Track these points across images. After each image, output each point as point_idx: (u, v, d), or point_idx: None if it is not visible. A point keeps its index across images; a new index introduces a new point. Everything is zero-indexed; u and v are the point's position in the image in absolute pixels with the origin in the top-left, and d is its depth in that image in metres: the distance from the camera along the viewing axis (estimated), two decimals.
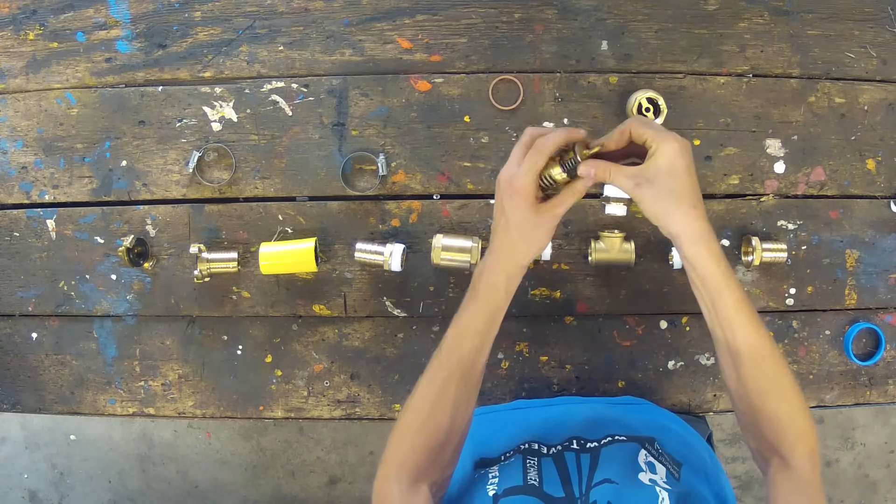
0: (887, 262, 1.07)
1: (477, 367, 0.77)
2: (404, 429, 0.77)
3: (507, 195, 0.72)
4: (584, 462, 0.80)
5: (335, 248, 1.07)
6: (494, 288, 0.75)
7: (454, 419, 0.76)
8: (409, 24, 1.06)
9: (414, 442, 0.76)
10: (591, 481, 0.76)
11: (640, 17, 1.05)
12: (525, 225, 0.73)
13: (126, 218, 1.08)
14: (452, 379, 0.75)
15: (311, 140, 1.07)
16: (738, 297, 0.71)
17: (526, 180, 0.71)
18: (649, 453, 0.81)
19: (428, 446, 0.75)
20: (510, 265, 0.75)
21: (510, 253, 0.74)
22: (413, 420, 0.76)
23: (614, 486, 0.74)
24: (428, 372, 0.77)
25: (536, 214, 0.72)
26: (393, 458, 0.76)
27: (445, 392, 0.75)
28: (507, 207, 0.73)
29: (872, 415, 2.14)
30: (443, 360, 0.76)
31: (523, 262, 0.75)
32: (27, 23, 1.09)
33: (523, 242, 0.73)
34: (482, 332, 0.76)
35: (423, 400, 0.76)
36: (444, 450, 0.76)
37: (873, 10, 1.05)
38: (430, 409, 0.76)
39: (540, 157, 0.71)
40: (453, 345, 0.76)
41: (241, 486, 2.22)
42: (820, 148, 1.06)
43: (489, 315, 0.75)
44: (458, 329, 0.76)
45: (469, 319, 0.76)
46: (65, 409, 1.12)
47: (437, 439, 0.75)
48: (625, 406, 1.03)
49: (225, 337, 1.10)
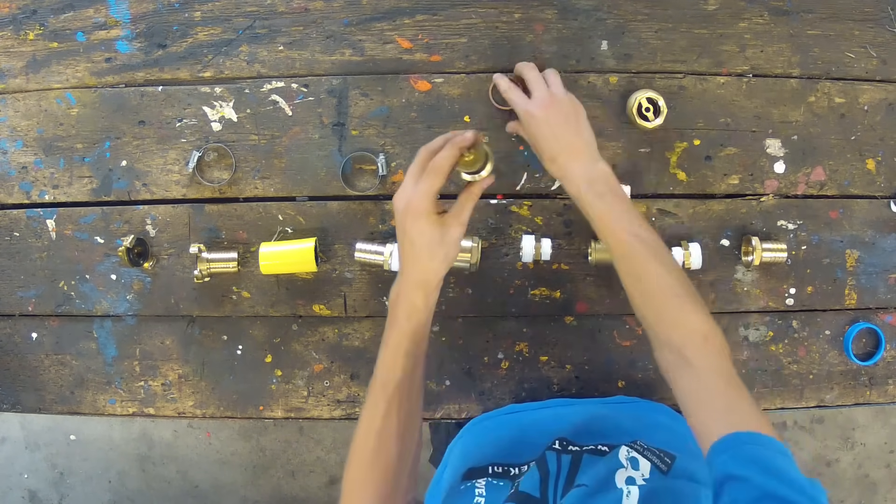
0: (887, 262, 1.07)
1: (414, 388, 0.78)
2: (356, 465, 0.78)
3: (410, 219, 0.74)
4: (564, 464, 0.80)
5: (335, 248, 1.07)
6: (414, 308, 0.76)
7: (403, 443, 0.77)
8: (409, 24, 1.06)
9: (368, 475, 0.77)
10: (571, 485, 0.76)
11: (640, 17, 1.05)
12: (431, 242, 0.74)
13: (126, 218, 1.09)
14: (393, 404, 0.76)
15: (311, 140, 1.07)
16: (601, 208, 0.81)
17: (424, 203, 0.73)
18: (632, 449, 0.81)
19: (382, 477, 0.76)
20: (425, 284, 0.76)
21: (422, 273, 0.75)
22: (363, 454, 0.77)
23: (584, 489, 0.74)
24: (368, 403, 0.78)
25: (441, 230, 0.74)
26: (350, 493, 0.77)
27: (389, 419, 0.76)
28: (409, 231, 0.74)
29: (872, 415, 2.14)
30: (378, 390, 0.77)
31: (437, 278, 0.76)
32: (27, 23, 1.09)
33: (433, 261, 0.75)
34: (412, 353, 0.77)
35: (369, 432, 0.77)
36: (401, 474, 0.77)
37: (873, 10, 1.05)
38: (375, 440, 0.77)
39: (436, 180, 0.73)
40: (388, 371, 0.77)
41: (241, 486, 2.22)
42: (820, 148, 1.06)
43: (414, 334, 0.76)
44: (388, 355, 0.77)
45: (397, 344, 0.77)
46: (65, 409, 1.12)
47: (391, 467, 0.77)
48: (617, 405, 1.03)
49: (225, 337, 1.10)
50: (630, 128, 1.05)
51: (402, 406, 0.77)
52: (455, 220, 0.76)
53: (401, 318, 0.76)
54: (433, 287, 0.77)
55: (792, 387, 1.08)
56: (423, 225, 0.73)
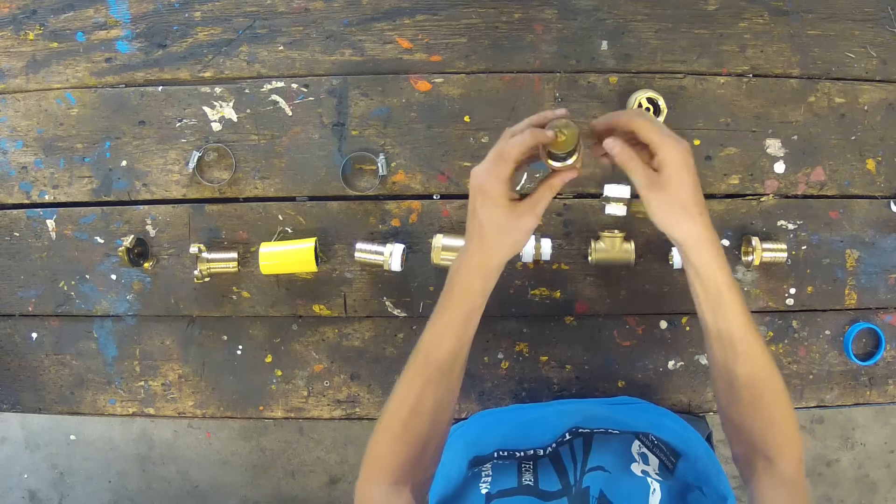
0: (887, 262, 1.07)
1: (456, 369, 0.76)
2: (383, 433, 0.76)
3: (480, 200, 0.71)
4: (577, 447, 0.80)
5: (335, 248, 1.07)
6: (470, 290, 0.73)
7: (434, 423, 0.75)
8: (409, 24, 1.06)
9: (394, 446, 0.75)
10: (585, 466, 0.76)
11: (640, 17, 1.05)
12: (500, 228, 0.71)
13: (126, 218, 1.08)
14: (430, 383, 0.74)
15: (311, 140, 1.07)
16: (739, 301, 0.71)
17: (497, 187, 0.70)
18: (643, 444, 0.81)
19: (408, 451, 0.75)
20: (485, 268, 0.73)
21: (485, 256, 0.72)
22: (391, 425, 0.75)
23: (607, 475, 0.74)
24: (405, 376, 0.76)
25: (512, 217, 0.71)
26: (373, 461, 0.76)
27: (424, 396, 0.74)
28: (479, 212, 0.71)
29: (872, 415, 2.14)
30: (419, 365, 0.75)
31: (498, 263, 0.73)
32: (27, 23, 1.09)
33: (498, 244, 0.72)
34: (459, 334, 0.74)
35: (401, 404, 0.75)
36: (425, 452, 0.76)
37: (873, 10, 1.05)
38: (408, 413, 0.75)
39: (505, 167, 0.70)
40: (430, 348, 0.75)
41: (241, 486, 2.22)
42: (820, 148, 1.06)
43: (465, 317, 0.74)
44: (435, 332, 0.75)
45: (445, 322, 0.74)
46: (65, 409, 1.12)
47: (417, 443, 0.75)
48: (620, 406, 1.03)
49: (225, 337, 1.10)
50: None
51: (439, 385, 0.74)
52: (529, 210, 0.71)
53: (456, 298, 0.74)
54: (493, 272, 0.73)
55: (792, 387, 1.08)
56: (492, 209, 0.70)
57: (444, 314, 0.75)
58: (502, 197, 0.70)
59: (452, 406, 0.77)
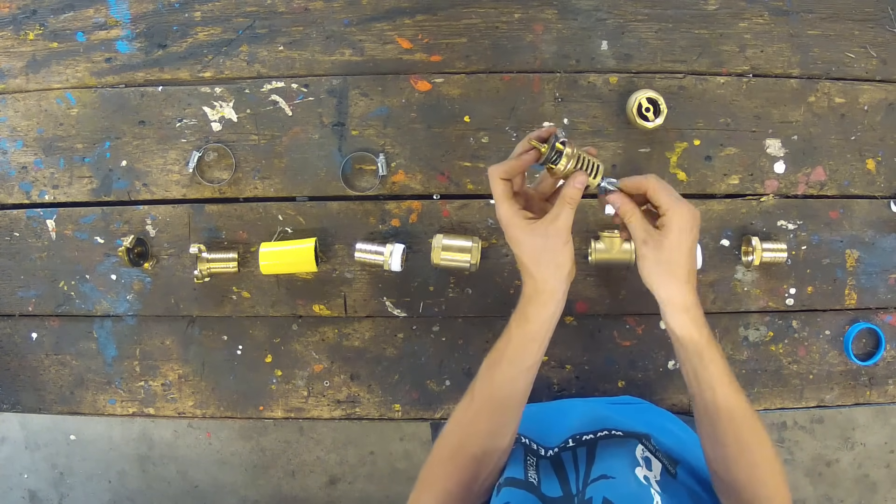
0: (887, 262, 1.07)
1: (515, 395, 0.77)
2: (436, 457, 0.79)
3: (505, 232, 0.74)
4: (580, 457, 0.80)
5: (335, 248, 1.07)
6: (524, 319, 0.75)
7: (486, 449, 0.77)
8: (409, 24, 1.06)
9: (445, 469, 0.77)
10: (588, 477, 0.76)
11: (640, 17, 1.05)
12: (534, 252, 0.73)
13: (126, 218, 1.08)
14: (483, 411, 0.77)
15: (311, 140, 1.07)
16: (718, 361, 0.73)
17: (502, 211, 0.73)
18: (646, 448, 0.81)
19: (459, 475, 0.77)
20: (539, 295, 0.74)
21: (533, 283, 0.74)
22: (444, 450, 0.78)
23: (610, 482, 0.74)
24: (462, 402, 0.79)
25: (538, 237, 0.72)
26: (425, 482, 0.78)
27: (475, 424, 0.77)
28: (511, 243, 0.74)
29: (872, 415, 2.14)
30: (474, 393, 0.78)
31: (549, 287, 0.74)
32: (27, 23, 1.09)
33: (538, 267, 0.73)
34: (515, 362, 0.76)
35: (454, 431, 0.78)
36: (477, 477, 0.78)
37: (873, 10, 1.05)
38: (459, 440, 0.78)
39: (497, 185, 0.72)
40: (484, 376, 0.77)
41: (241, 486, 2.22)
42: (820, 148, 1.06)
43: (521, 344, 0.75)
44: (490, 360, 0.77)
45: (501, 350, 0.77)
46: (65, 409, 1.12)
47: (469, 469, 0.77)
48: (623, 405, 1.03)
49: (225, 337, 1.10)
50: (630, 128, 1.05)
51: (492, 414, 0.77)
52: (549, 227, 0.72)
53: (512, 326, 0.76)
54: (546, 298, 0.74)
55: (792, 387, 1.08)
56: (515, 234, 0.73)
57: (500, 343, 0.77)
58: (514, 221, 0.73)
59: (510, 432, 0.79)
